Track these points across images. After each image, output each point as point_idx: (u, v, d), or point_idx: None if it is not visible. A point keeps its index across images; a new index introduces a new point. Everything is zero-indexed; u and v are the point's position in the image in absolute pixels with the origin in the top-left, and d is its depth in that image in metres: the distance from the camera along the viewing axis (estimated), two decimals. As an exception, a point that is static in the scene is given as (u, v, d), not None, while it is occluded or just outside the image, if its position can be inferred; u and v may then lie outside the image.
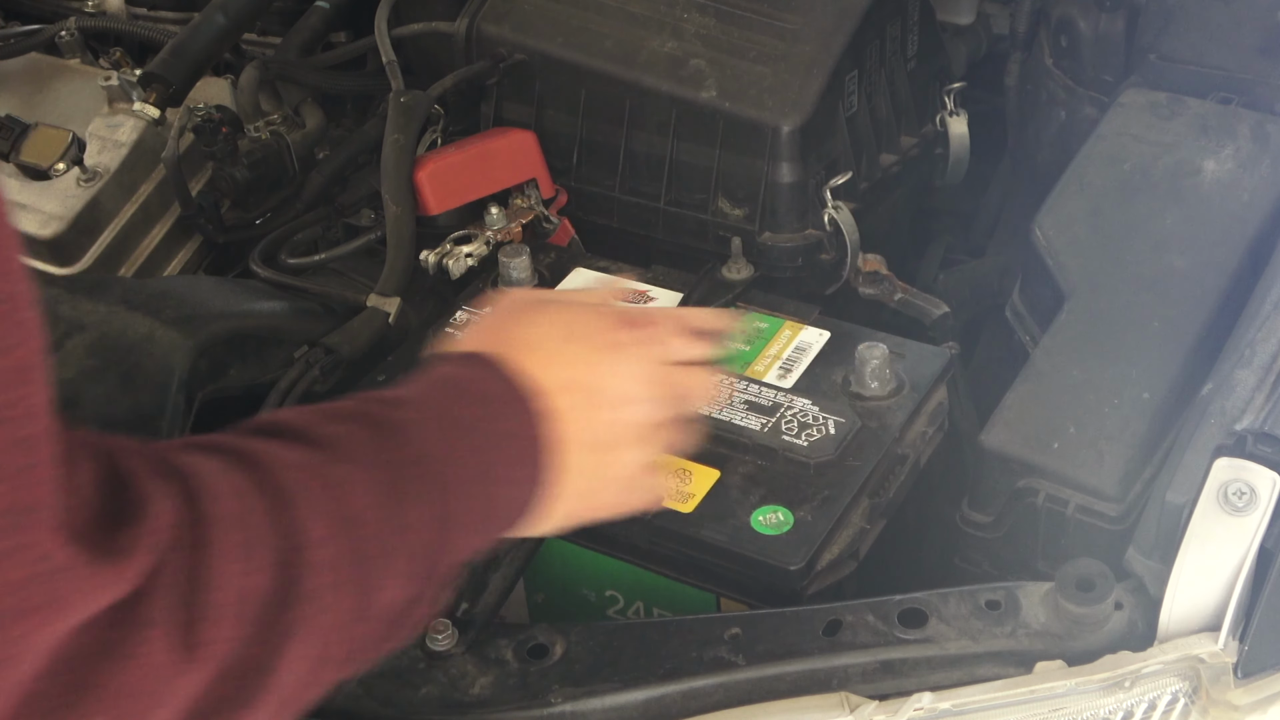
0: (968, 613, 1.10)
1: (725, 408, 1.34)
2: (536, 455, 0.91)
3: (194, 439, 0.81)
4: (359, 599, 0.80)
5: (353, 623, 0.81)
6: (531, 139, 1.64)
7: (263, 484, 0.77)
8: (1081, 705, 1.04)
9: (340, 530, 0.79)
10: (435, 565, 0.86)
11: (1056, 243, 1.43)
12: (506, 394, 0.91)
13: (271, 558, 0.75)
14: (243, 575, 0.74)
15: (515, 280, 1.53)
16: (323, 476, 0.80)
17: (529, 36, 1.69)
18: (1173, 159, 1.48)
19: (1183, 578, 1.04)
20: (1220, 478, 1.07)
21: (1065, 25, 1.75)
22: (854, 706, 1.04)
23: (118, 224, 1.77)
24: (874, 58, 1.66)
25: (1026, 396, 1.30)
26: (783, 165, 1.56)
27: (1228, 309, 1.31)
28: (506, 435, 0.90)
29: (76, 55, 1.96)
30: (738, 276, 1.52)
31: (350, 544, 0.80)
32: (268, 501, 0.77)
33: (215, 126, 1.75)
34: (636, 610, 1.33)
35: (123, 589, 0.68)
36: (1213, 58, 1.58)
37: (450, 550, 0.87)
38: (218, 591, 0.72)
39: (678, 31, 1.64)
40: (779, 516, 1.24)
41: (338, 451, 0.82)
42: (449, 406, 0.89)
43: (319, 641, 0.79)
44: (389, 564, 0.82)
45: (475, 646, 1.14)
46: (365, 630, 0.82)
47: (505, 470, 0.90)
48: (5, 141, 1.77)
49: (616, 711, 1.08)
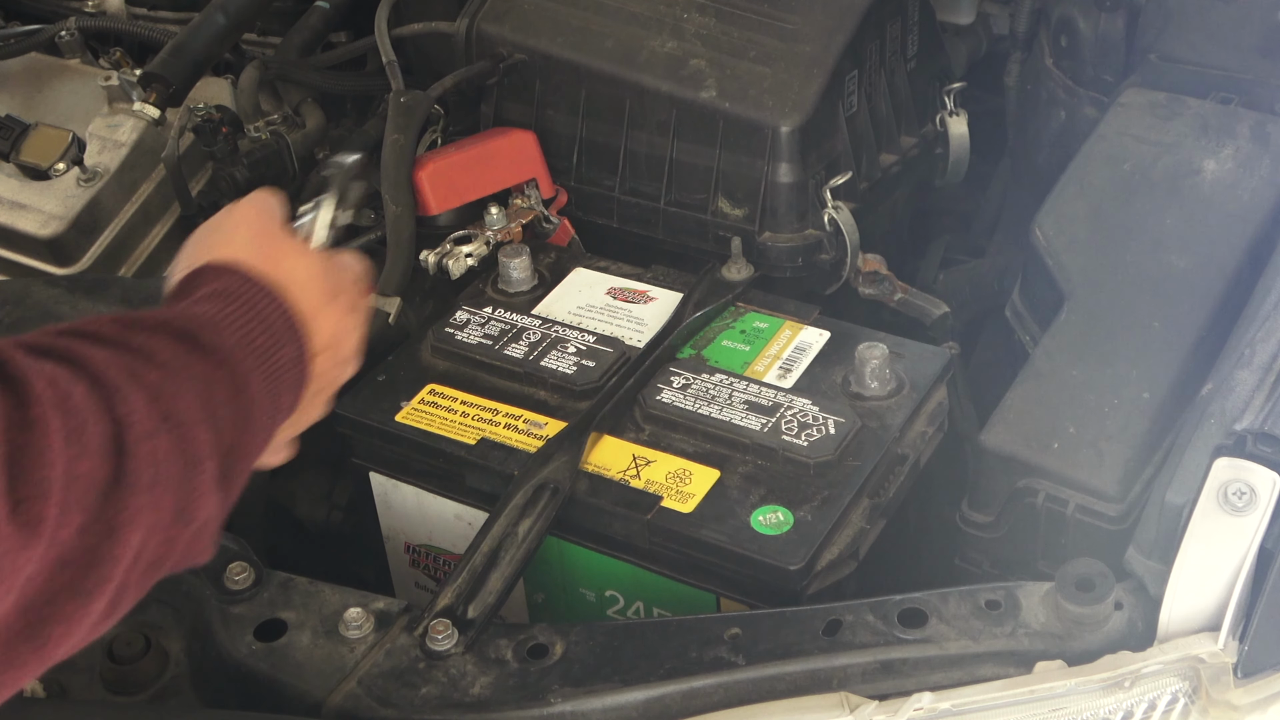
0: (968, 613, 1.10)
1: (725, 407, 1.35)
2: (301, 388, 1.02)
3: (16, 338, 0.83)
4: (180, 499, 0.85)
5: (174, 524, 0.85)
6: (531, 139, 1.64)
7: (85, 377, 0.81)
8: (1081, 705, 1.04)
9: (161, 427, 0.83)
10: (235, 476, 0.91)
11: (1056, 243, 1.43)
12: (288, 329, 1.00)
13: (98, 443, 0.79)
14: (71, 459, 0.76)
15: (515, 280, 1.53)
16: (139, 377, 0.84)
17: (529, 36, 1.69)
18: (1173, 159, 1.48)
19: (1183, 578, 1.04)
20: (1220, 478, 1.07)
21: (1065, 25, 1.75)
22: (854, 706, 1.04)
23: (118, 224, 1.77)
24: (874, 58, 1.66)
25: (1026, 396, 1.30)
26: (782, 165, 1.56)
27: (1228, 309, 1.31)
28: (286, 363, 0.99)
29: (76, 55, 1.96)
30: (738, 276, 1.52)
31: (170, 442, 0.84)
32: (91, 392, 0.80)
33: (215, 126, 1.75)
34: (636, 610, 1.33)
35: None
36: (1213, 58, 1.58)
37: (243, 464, 0.93)
38: (47, 469, 0.75)
39: (678, 31, 1.64)
40: (779, 516, 1.25)
41: (150, 358, 0.87)
42: (245, 330, 0.97)
43: (146, 538, 0.82)
44: (204, 466, 0.86)
45: (475, 646, 1.14)
46: (183, 533, 0.86)
47: (280, 398, 0.99)
48: (5, 141, 1.77)
49: (616, 711, 1.08)
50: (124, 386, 0.82)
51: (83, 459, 0.77)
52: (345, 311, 1.09)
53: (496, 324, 1.48)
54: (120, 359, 0.85)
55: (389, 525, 1.46)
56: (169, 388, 0.86)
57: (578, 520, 1.30)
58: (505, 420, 1.38)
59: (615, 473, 1.31)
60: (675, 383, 1.38)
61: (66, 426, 0.77)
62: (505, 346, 1.44)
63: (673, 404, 1.36)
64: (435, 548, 1.43)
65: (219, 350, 0.92)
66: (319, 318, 1.04)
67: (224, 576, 1.20)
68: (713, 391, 1.37)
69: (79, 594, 0.78)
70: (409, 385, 1.43)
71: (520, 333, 1.46)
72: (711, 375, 1.39)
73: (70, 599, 0.78)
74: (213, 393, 0.90)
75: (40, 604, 0.76)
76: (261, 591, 1.20)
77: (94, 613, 0.80)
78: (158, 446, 0.82)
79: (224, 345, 0.93)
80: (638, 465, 1.31)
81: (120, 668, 1.18)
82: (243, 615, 1.18)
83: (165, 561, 0.86)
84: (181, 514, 0.85)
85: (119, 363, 0.84)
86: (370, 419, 1.40)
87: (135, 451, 0.81)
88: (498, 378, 1.43)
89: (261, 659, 1.15)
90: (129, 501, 0.80)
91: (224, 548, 1.22)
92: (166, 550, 0.85)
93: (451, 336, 1.46)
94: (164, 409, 0.84)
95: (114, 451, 0.80)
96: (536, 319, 1.48)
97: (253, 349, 0.96)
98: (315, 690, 1.12)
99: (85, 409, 0.79)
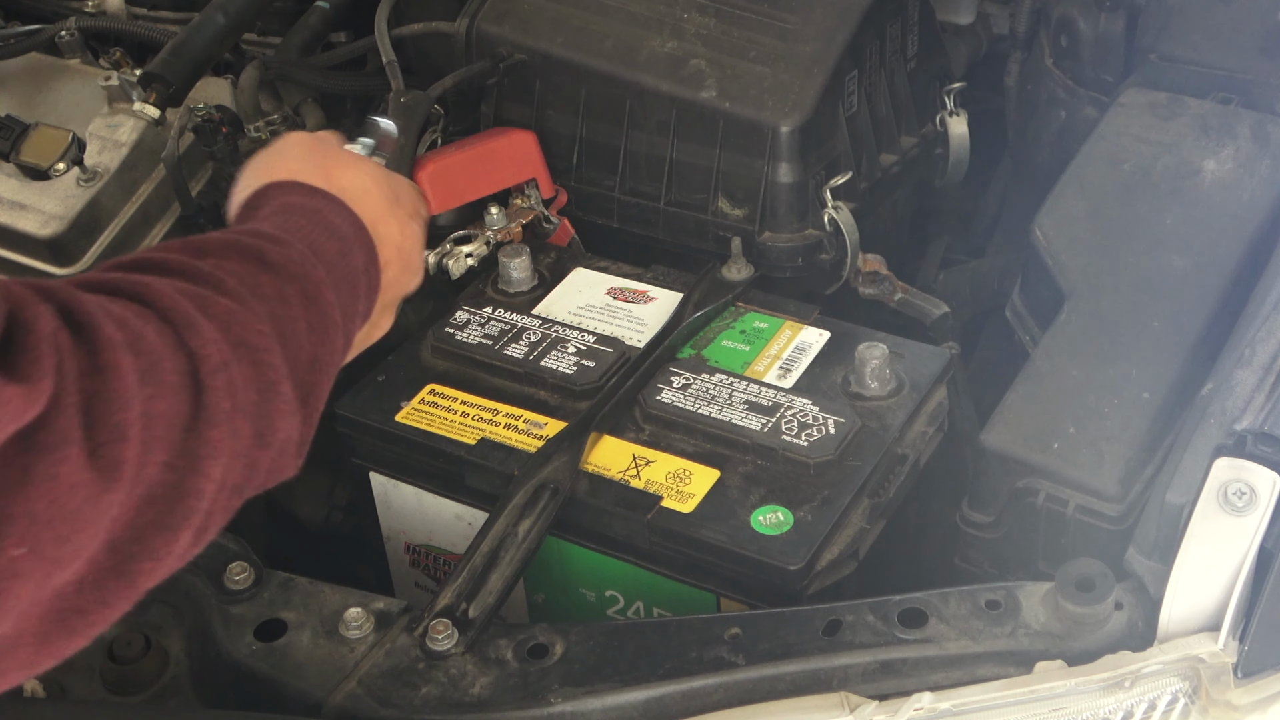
0: (968, 613, 1.10)
1: (725, 407, 1.35)
2: (373, 293, 1.02)
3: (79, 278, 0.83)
4: (259, 423, 0.84)
5: (254, 448, 0.85)
6: (531, 139, 1.64)
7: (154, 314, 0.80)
8: (1081, 705, 1.04)
9: (234, 355, 0.83)
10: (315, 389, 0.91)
11: (1056, 243, 1.43)
12: (356, 235, 1.00)
13: (174, 380, 0.78)
14: (146, 399, 0.76)
15: (515, 280, 1.53)
16: (210, 307, 0.84)
17: (529, 36, 1.69)
18: (1173, 159, 1.48)
19: (1183, 578, 1.04)
20: (1220, 478, 1.07)
21: (1065, 25, 1.75)
22: (854, 706, 1.04)
23: (118, 224, 1.77)
24: (874, 58, 1.66)
25: (1026, 396, 1.30)
26: (782, 165, 1.56)
27: (1228, 309, 1.31)
28: (358, 270, 0.99)
29: (76, 55, 1.96)
30: (738, 276, 1.52)
31: (245, 369, 0.83)
32: (162, 329, 0.80)
33: (215, 126, 1.75)
34: (636, 610, 1.33)
35: (29, 413, 0.70)
36: (1213, 58, 1.58)
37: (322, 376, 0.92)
38: (123, 412, 0.75)
39: (678, 31, 1.64)
40: (779, 516, 1.25)
41: (219, 285, 0.86)
42: (313, 239, 0.96)
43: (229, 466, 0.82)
44: (280, 389, 0.86)
45: (475, 646, 1.14)
46: (265, 455, 0.86)
47: (356, 304, 0.99)
48: (5, 141, 1.77)
49: (616, 711, 1.08)
50: (195, 319, 0.82)
51: (159, 398, 0.77)
52: (407, 218, 1.09)
53: (496, 324, 1.48)
54: (189, 289, 0.84)
55: (389, 525, 1.46)
56: (240, 314, 0.85)
57: (578, 520, 1.30)
58: (505, 420, 1.38)
59: (615, 473, 1.31)
60: (675, 383, 1.38)
61: (140, 367, 0.77)
62: (505, 346, 1.44)
63: (673, 404, 1.36)
64: (435, 548, 1.43)
65: (289, 264, 0.92)
66: (383, 224, 1.04)
67: (224, 576, 1.20)
68: (713, 391, 1.37)
69: (166, 528, 0.79)
70: (409, 385, 1.43)
71: (520, 333, 1.46)
72: (711, 375, 1.39)
73: (158, 534, 0.78)
74: (286, 310, 0.89)
75: (128, 541, 0.76)
76: (262, 591, 1.20)
77: (181, 543, 0.81)
78: (233, 376, 0.82)
79: (293, 259, 0.92)
80: (638, 465, 1.31)
81: (120, 668, 1.18)
82: (243, 615, 1.18)
83: (249, 485, 0.86)
84: (261, 437, 0.85)
85: (188, 294, 0.83)
86: (370, 419, 1.40)
87: (211, 384, 0.80)
88: (498, 378, 1.43)
89: (262, 659, 1.15)
90: (209, 434, 0.80)
91: (224, 548, 1.22)
92: (249, 474, 0.85)
93: (451, 336, 1.46)
94: (236, 336, 0.84)
95: (190, 386, 0.79)
96: (536, 319, 1.48)
97: (323, 258, 0.95)
98: (315, 690, 1.12)
99: (158, 347, 0.79)
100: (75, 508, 0.72)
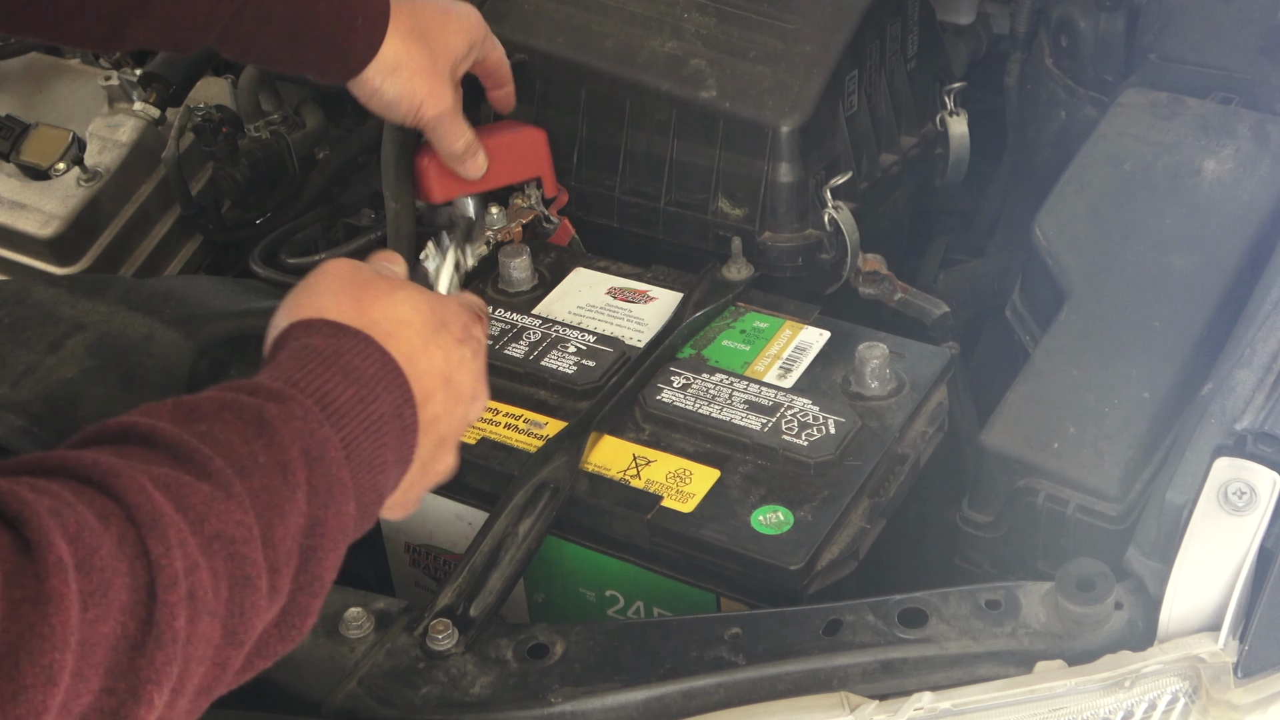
0: (968, 613, 1.10)
1: (725, 407, 1.35)
2: (409, 435, 0.92)
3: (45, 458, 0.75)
4: (231, 622, 0.77)
5: (224, 648, 0.77)
6: (542, 137, 1.63)
7: (116, 516, 0.72)
8: (1081, 705, 1.04)
9: (202, 555, 0.75)
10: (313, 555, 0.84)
11: (1056, 243, 1.43)
12: (383, 376, 0.91)
13: (124, 600, 0.70)
14: (88, 624, 0.68)
15: (515, 280, 1.53)
16: (184, 498, 0.76)
17: (529, 36, 1.69)
18: (1173, 159, 1.48)
19: (1183, 578, 1.04)
20: (1220, 477, 1.07)
21: (1065, 25, 1.75)
22: (854, 706, 1.04)
23: (118, 224, 1.77)
24: (874, 58, 1.66)
25: (1026, 396, 1.30)
26: (783, 165, 1.56)
27: (1228, 309, 1.31)
28: (382, 417, 0.90)
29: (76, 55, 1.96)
30: (738, 276, 1.52)
31: (216, 565, 0.76)
32: (123, 539, 0.72)
33: (215, 126, 1.76)
34: (636, 610, 1.33)
35: None
36: (1213, 58, 1.58)
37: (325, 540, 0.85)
38: (56, 652, 0.66)
39: (678, 31, 1.64)
40: (779, 516, 1.25)
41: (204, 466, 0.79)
42: (325, 390, 0.88)
43: (188, 674, 0.74)
44: (257, 584, 0.79)
45: (475, 646, 1.14)
46: (237, 654, 0.79)
47: (382, 454, 0.89)
48: (5, 141, 1.78)
49: (616, 711, 1.08)
50: (163, 518, 0.74)
51: (103, 621, 0.69)
52: (454, 344, 0.99)
53: (497, 324, 1.48)
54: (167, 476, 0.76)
55: (389, 525, 1.46)
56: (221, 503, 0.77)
57: (578, 520, 1.30)
58: (505, 420, 1.38)
59: (615, 472, 1.31)
60: (675, 382, 1.38)
61: (86, 590, 0.69)
62: (505, 346, 1.44)
63: (673, 404, 1.36)
64: (435, 548, 1.43)
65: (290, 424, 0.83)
66: (423, 357, 0.95)
67: (224, 576, 1.20)
68: (713, 391, 1.37)
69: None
70: (409, 385, 1.43)
71: (520, 332, 1.46)
72: (712, 375, 1.39)
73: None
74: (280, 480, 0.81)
75: None
76: (261, 591, 1.20)
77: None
78: (199, 580, 0.74)
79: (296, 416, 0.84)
80: (638, 465, 1.31)
81: (120, 668, 1.17)
82: (243, 615, 1.18)
83: (218, 686, 0.78)
84: (233, 635, 0.77)
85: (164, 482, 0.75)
86: (370, 419, 1.40)
87: (166, 599, 0.72)
88: (498, 377, 1.42)
89: (261, 659, 1.15)
90: (156, 656, 0.72)
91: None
92: (218, 676, 0.77)
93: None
94: (213, 529, 0.76)
95: (144, 603, 0.72)
96: (537, 319, 1.48)
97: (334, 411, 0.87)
98: (315, 690, 1.12)
99: (112, 563, 0.70)
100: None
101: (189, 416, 0.82)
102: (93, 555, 0.70)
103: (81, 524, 0.70)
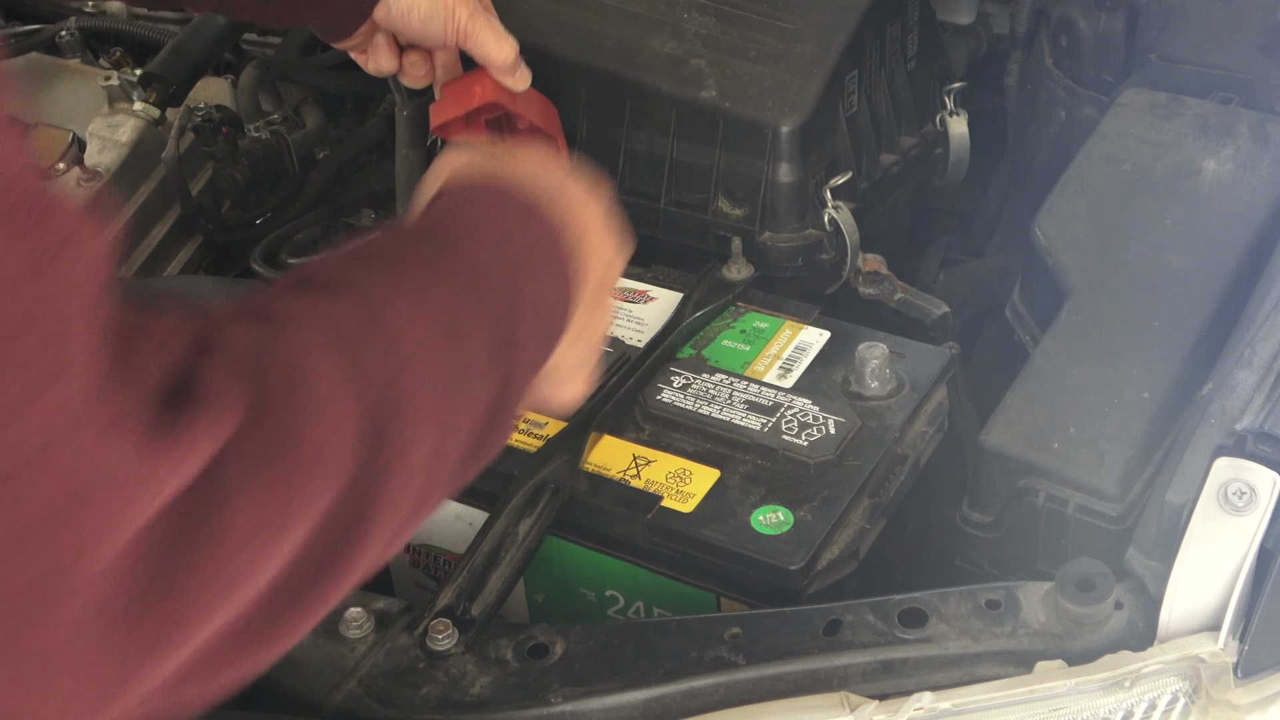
0: (968, 612, 1.10)
1: (725, 407, 1.35)
2: (568, 302, 0.99)
3: (242, 304, 0.84)
4: (438, 439, 0.83)
5: (433, 463, 0.84)
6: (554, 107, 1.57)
7: (319, 340, 0.80)
8: (1081, 705, 1.04)
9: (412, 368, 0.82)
10: (503, 391, 0.91)
11: (1056, 243, 1.43)
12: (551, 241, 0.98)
13: (350, 407, 0.77)
14: (327, 429, 0.75)
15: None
16: (376, 320, 0.82)
17: (529, 36, 1.68)
18: (1173, 159, 1.48)
19: (1183, 577, 1.04)
20: (1220, 477, 1.07)
21: (1065, 25, 1.75)
22: (854, 706, 1.04)
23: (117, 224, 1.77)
24: (874, 58, 1.66)
25: (1026, 396, 1.30)
26: (783, 165, 1.56)
27: (1228, 309, 1.31)
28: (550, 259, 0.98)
29: (76, 55, 1.96)
30: (738, 276, 1.52)
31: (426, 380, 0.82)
32: (330, 355, 0.79)
33: (215, 126, 1.76)
34: (636, 610, 1.33)
35: (188, 474, 0.69)
36: (1213, 58, 1.58)
37: (517, 376, 0.94)
38: (297, 449, 0.74)
39: (678, 31, 1.64)
40: (779, 516, 1.25)
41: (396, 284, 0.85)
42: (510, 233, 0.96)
43: (408, 484, 0.81)
44: (459, 397, 0.86)
45: (475, 646, 1.14)
46: (444, 468, 0.85)
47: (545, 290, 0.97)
48: (5, 141, 1.77)
49: (616, 711, 1.08)
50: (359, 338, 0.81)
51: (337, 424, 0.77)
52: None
53: (496, 324, 1.47)
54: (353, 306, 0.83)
55: (389, 525, 1.46)
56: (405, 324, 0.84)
57: (578, 520, 1.30)
58: (505, 420, 1.38)
59: (615, 472, 1.31)
60: (675, 382, 1.38)
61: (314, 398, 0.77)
62: (505, 346, 1.44)
63: (673, 404, 1.36)
64: (435, 548, 1.43)
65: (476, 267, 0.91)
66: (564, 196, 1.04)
67: (224, 576, 1.20)
68: (713, 391, 1.37)
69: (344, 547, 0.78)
70: (409, 385, 1.43)
71: (520, 333, 1.46)
72: (712, 375, 1.39)
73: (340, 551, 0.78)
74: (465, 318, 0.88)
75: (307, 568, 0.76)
76: (261, 591, 1.20)
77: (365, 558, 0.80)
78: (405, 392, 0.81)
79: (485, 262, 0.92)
80: (638, 465, 1.31)
81: (120, 668, 1.17)
82: (243, 615, 1.18)
83: (434, 495, 0.86)
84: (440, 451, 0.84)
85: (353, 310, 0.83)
86: (370, 419, 1.40)
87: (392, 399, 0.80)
88: (498, 378, 1.43)
89: (261, 659, 1.15)
90: (385, 457, 0.79)
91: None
92: (429, 488, 0.84)
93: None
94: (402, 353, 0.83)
95: (365, 414, 0.78)
96: (536, 319, 1.48)
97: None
98: (315, 690, 1.12)
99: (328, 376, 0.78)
100: (245, 559, 0.72)
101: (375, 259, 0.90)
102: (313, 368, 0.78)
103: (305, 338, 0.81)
